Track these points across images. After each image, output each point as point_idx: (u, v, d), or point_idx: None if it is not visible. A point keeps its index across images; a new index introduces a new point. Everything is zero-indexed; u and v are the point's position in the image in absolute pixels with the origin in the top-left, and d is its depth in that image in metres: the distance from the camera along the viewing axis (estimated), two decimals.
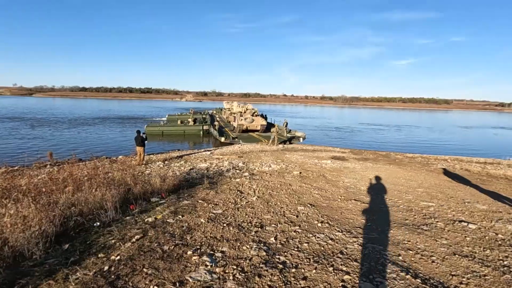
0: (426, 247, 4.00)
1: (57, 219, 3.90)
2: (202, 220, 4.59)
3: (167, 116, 40.93)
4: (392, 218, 5.19)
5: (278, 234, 4.26)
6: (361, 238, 4.22)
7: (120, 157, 15.96)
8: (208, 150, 18.49)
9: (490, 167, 13.47)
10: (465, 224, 4.96)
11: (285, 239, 4.07)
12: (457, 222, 5.04)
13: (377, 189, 7.47)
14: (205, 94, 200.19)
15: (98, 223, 4.29)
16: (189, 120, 30.00)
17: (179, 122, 29.98)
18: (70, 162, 10.82)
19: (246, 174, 10.05)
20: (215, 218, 4.74)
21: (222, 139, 22.38)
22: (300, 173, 10.46)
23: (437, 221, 5.06)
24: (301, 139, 24.32)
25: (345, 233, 4.41)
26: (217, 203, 5.58)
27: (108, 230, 4.08)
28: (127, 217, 4.66)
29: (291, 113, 76.24)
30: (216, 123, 27.46)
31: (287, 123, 27.45)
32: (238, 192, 6.62)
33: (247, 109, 29.52)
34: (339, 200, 6.30)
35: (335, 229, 4.55)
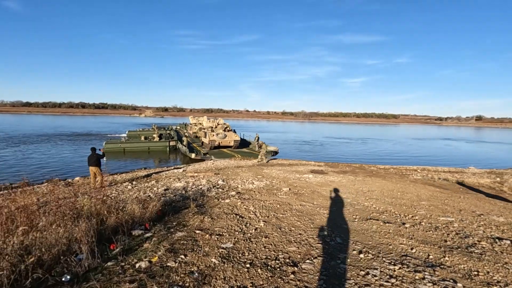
0: (502, 278, 3.38)
1: (4, 278, 2.62)
2: (213, 259, 3.56)
3: (127, 132, 37.99)
4: (431, 240, 4.59)
5: (320, 274, 3.38)
6: (427, 273, 3.42)
7: (77, 178, 13.86)
8: (179, 168, 17.02)
9: (459, 175, 14.16)
10: (508, 242, 4.59)
11: (336, 282, 3.21)
12: (497, 240, 4.67)
13: (382, 204, 7.02)
14: (165, 109, 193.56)
15: (69, 277, 3.03)
16: (154, 136, 27.96)
17: (142, 138, 27.81)
18: (17, 187, 8.81)
19: (233, 193, 9.06)
20: (228, 255, 3.73)
21: (193, 155, 20.96)
22: (290, 189, 9.77)
23: (478, 241, 4.61)
24: (273, 153, 23.86)
25: (398, 265, 3.65)
26: (221, 233, 4.56)
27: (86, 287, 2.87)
28: (109, 263, 3.44)
29: (256, 127, 76.47)
30: (184, 138, 25.70)
31: (258, 138, 26.94)
32: (237, 216, 5.66)
33: (218, 124, 28.25)
34: (356, 220, 5.65)
35: (384, 262, 3.76)
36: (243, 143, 26.92)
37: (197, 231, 4.62)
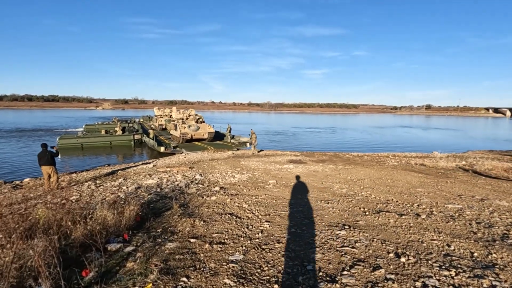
0: None
1: None
2: (226, 281, 2.76)
3: (84, 126, 34.60)
4: (460, 233, 4.16)
5: None
6: (491, 278, 2.86)
7: (27, 180, 11.93)
8: (147, 163, 15.60)
9: (429, 160, 14.74)
10: None
11: None
12: None
13: (380, 194, 6.68)
14: (126, 102, 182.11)
15: None
16: (116, 129, 25.59)
17: (103, 132, 25.30)
18: None
19: (217, 188, 8.23)
20: (244, 272, 2.94)
21: (162, 149, 19.46)
22: (276, 182, 9.18)
23: (507, 230, 4.31)
24: (248, 144, 23.16)
25: (452, 270, 3.06)
26: (222, 241, 3.77)
27: None
28: None
29: (223, 119, 74.95)
30: (150, 131, 23.74)
31: (230, 129, 26.00)
32: (233, 216, 4.89)
33: (189, 115, 26.34)
34: (367, 214, 5.13)
35: (433, 266, 3.19)
36: (217, 136, 25.35)
37: (192, 240, 3.78)
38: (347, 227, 4.39)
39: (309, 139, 33.01)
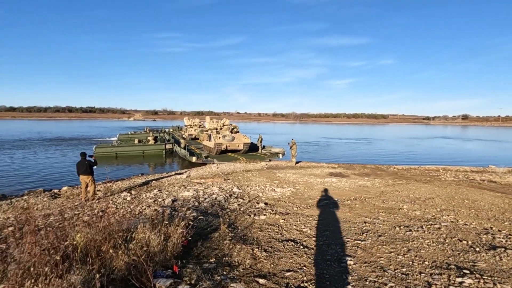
0: None
1: None
2: None
3: (118, 135, 35.67)
4: None
5: None
6: None
7: (64, 188, 11.88)
8: (180, 173, 15.19)
9: (492, 176, 12.88)
10: None
11: None
12: None
13: (471, 219, 5.45)
14: (155, 112, 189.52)
15: None
16: (149, 138, 25.86)
17: (136, 141, 25.67)
18: None
19: (262, 205, 7.38)
20: None
21: (194, 159, 19.09)
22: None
23: None
24: (280, 155, 22.24)
25: None
26: (302, 285, 2.88)
27: None
28: None
29: (249, 129, 74.70)
30: (182, 141, 23.50)
31: (261, 139, 25.28)
32: (297, 244, 3.99)
33: (223, 125, 25.13)
34: (479, 251, 3.89)
35: None
36: (252, 147, 23.43)
37: (261, 281, 2.94)
38: (467, 272, 3.29)
39: (343, 151, 31.39)
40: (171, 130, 47.78)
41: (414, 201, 6.96)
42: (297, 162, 18.85)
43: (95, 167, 9.70)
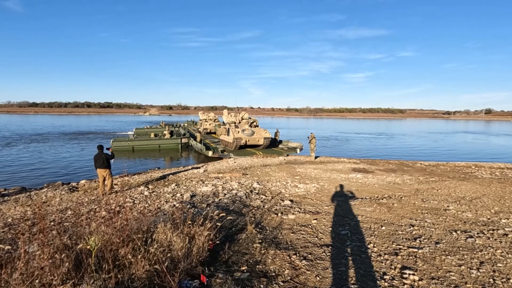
0: None
1: None
2: None
3: (134, 129, 35.97)
4: None
5: None
6: None
7: (82, 181, 11.77)
8: (197, 167, 14.85)
9: None
10: None
11: None
12: None
13: None
14: (170, 108, 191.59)
15: None
16: (165, 132, 25.79)
17: (152, 135, 25.66)
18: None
19: (287, 202, 6.84)
20: None
21: (210, 153, 18.74)
22: (356, 196, 7.53)
23: None
24: (298, 150, 21.55)
25: None
26: None
27: None
28: None
29: (264, 124, 74.02)
30: (197, 135, 23.15)
31: (278, 133, 24.65)
32: (340, 251, 3.43)
33: (242, 119, 23.99)
34: None
35: None
36: (272, 142, 22.27)
37: None
38: None
39: (363, 145, 30.29)
40: (186, 124, 47.86)
41: (459, 201, 6.22)
42: (316, 157, 18.14)
43: (112, 160, 9.46)
